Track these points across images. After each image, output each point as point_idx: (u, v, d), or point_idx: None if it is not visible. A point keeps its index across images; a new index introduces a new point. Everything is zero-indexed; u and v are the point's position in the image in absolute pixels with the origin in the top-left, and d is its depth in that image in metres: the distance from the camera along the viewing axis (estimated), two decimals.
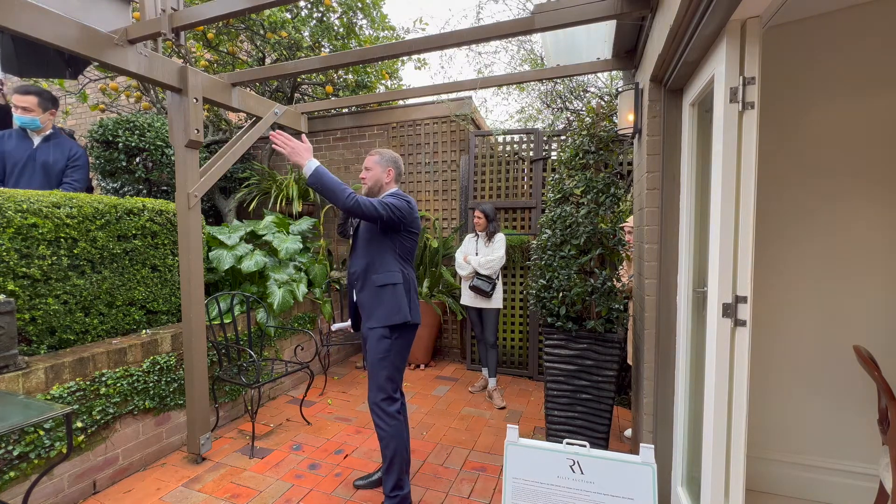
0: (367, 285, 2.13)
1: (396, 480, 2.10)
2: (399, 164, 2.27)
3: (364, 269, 2.14)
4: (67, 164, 2.89)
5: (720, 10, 1.31)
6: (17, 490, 1.93)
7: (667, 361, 2.08)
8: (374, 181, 2.21)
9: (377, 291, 2.10)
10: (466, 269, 3.56)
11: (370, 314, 2.12)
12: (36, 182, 2.79)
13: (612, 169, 2.79)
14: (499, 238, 3.56)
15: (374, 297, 2.10)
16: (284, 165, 5.13)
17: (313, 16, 4.63)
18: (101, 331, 2.46)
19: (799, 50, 2.12)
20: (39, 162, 2.80)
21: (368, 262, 2.13)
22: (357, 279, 2.18)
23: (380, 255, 2.12)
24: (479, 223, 3.57)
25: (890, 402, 1.53)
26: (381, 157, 2.22)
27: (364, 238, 2.16)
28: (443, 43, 2.53)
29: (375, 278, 2.11)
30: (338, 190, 1.91)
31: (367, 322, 2.13)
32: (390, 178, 2.22)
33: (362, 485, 2.35)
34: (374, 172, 2.20)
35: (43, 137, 2.85)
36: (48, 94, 2.86)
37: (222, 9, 2.21)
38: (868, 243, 2.06)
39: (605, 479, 1.71)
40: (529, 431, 3.02)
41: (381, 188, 2.22)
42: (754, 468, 2.21)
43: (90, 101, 4.99)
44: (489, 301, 3.50)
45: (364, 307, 2.15)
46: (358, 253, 2.19)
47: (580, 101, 4.74)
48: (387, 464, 2.11)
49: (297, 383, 3.83)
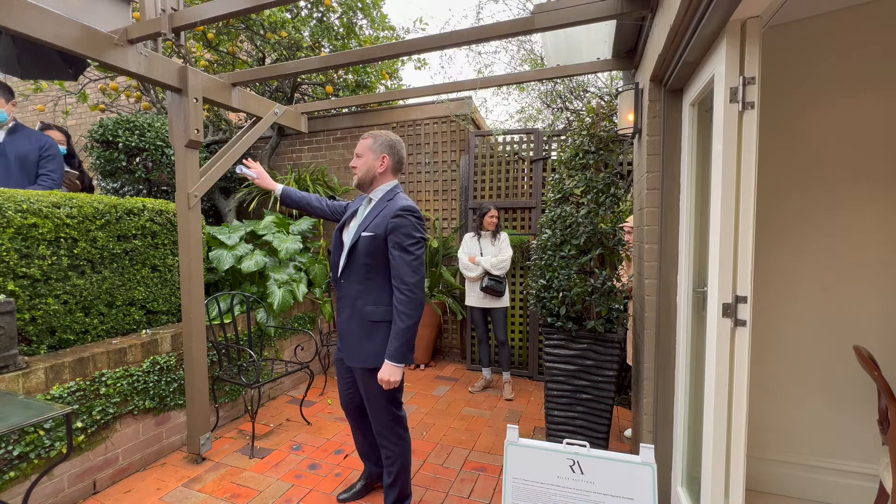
0: (357, 316, 1.82)
1: (399, 493, 2.01)
2: (398, 151, 1.90)
3: (355, 295, 1.82)
4: (40, 154, 2.78)
5: (720, 10, 1.30)
6: (18, 490, 1.93)
7: (667, 361, 2.08)
8: (366, 171, 1.86)
9: (371, 327, 1.80)
10: (476, 270, 3.52)
11: (359, 351, 1.82)
12: (13, 177, 2.67)
13: (612, 169, 2.79)
14: (504, 236, 3.56)
15: (366, 332, 1.81)
16: (284, 165, 5.13)
17: (313, 16, 4.63)
18: (101, 331, 2.46)
19: (799, 50, 2.12)
20: (12, 156, 2.69)
21: (363, 290, 1.81)
22: (345, 306, 1.86)
23: (378, 284, 1.80)
24: (492, 222, 3.56)
25: (890, 402, 1.53)
26: (374, 140, 1.87)
27: (363, 262, 1.80)
28: (443, 43, 2.53)
29: (371, 311, 1.80)
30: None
31: (355, 360, 1.85)
32: (385, 168, 1.87)
33: (346, 497, 2.20)
34: (366, 160, 1.86)
35: (7, 130, 2.73)
36: (4, 84, 2.75)
37: (222, 9, 2.20)
38: (868, 243, 2.06)
39: (605, 479, 1.71)
40: (529, 431, 3.02)
41: (373, 180, 1.87)
42: (754, 468, 2.21)
43: (90, 101, 4.99)
44: (499, 300, 3.50)
45: (350, 338, 1.84)
46: (352, 276, 1.83)
47: (580, 101, 4.74)
48: (390, 479, 1.98)
49: (297, 383, 3.83)
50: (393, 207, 1.79)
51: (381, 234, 1.78)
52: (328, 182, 4.66)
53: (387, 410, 1.91)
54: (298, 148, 5.11)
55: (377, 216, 1.82)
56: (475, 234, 3.65)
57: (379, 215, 1.81)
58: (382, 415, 1.92)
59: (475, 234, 3.65)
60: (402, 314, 1.72)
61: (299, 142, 5.09)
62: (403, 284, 1.73)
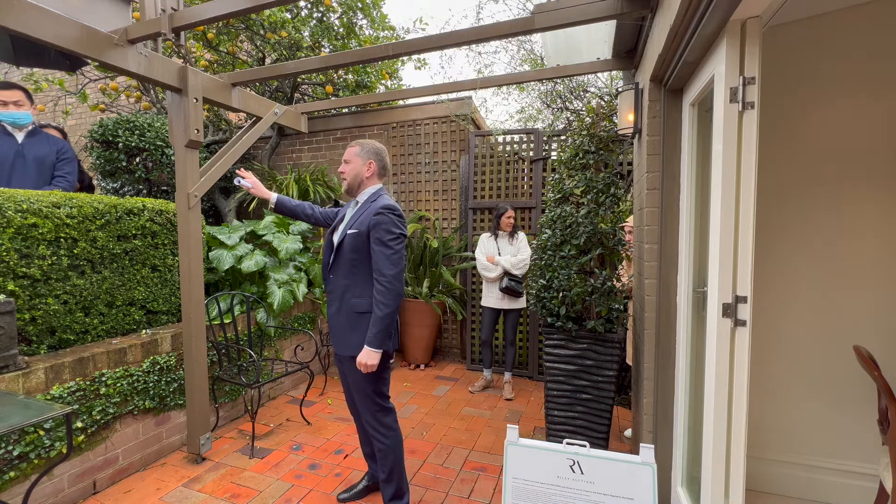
0: (345, 308, 1.95)
1: (396, 490, 2.04)
2: (383, 157, 2.05)
3: (343, 289, 1.95)
4: (57, 157, 2.88)
5: (720, 10, 1.31)
6: (18, 490, 1.93)
7: (667, 361, 2.08)
8: (354, 176, 2.01)
9: (357, 318, 1.92)
10: (495, 270, 3.50)
11: (346, 340, 1.94)
12: (30, 178, 2.75)
13: (612, 169, 2.79)
14: (522, 236, 3.55)
15: (352, 323, 1.93)
16: (284, 165, 5.13)
17: (313, 16, 4.63)
18: (101, 331, 2.46)
19: (799, 50, 2.12)
20: (31, 157, 2.77)
21: (350, 284, 1.93)
22: (334, 300, 1.99)
23: (363, 278, 1.92)
24: (510, 222, 3.55)
25: (890, 402, 1.53)
26: (361, 148, 2.02)
27: (349, 258, 1.93)
28: (443, 43, 2.53)
29: (356, 303, 1.92)
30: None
31: (343, 349, 1.96)
32: (371, 173, 2.02)
33: (346, 497, 2.22)
34: (354, 166, 2.01)
35: (27, 133, 2.81)
36: (24, 88, 2.84)
37: (222, 9, 2.20)
38: (868, 243, 2.06)
39: (605, 479, 1.71)
40: (529, 431, 3.02)
41: (360, 184, 2.02)
42: (754, 468, 2.21)
43: (90, 101, 4.99)
44: (517, 302, 3.51)
45: (338, 330, 1.98)
46: (339, 271, 1.97)
47: (580, 101, 4.74)
48: (385, 475, 2.03)
49: (297, 383, 3.83)
50: (376, 206, 1.92)
51: (364, 230, 1.90)
52: (328, 182, 4.66)
53: (372, 400, 1.99)
54: (298, 148, 5.11)
55: (362, 215, 1.95)
56: (492, 234, 3.64)
57: (363, 214, 1.95)
58: (369, 404, 1.99)
59: (492, 235, 3.64)
60: (380, 303, 1.83)
61: (299, 142, 5.09)
62: (382, 276, 1.84)
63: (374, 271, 1.88)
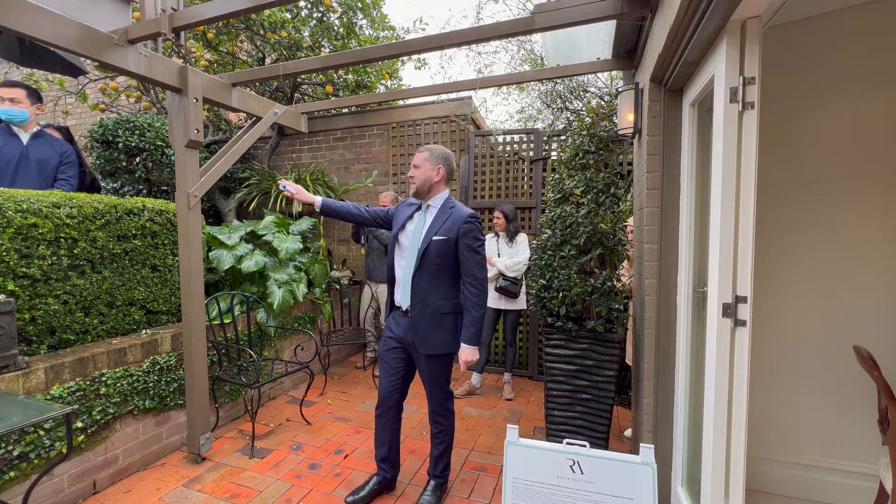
0: (428, 310, 2.04)
1: (446, 463, 2.26)
2: (451, 163, 2.11)
3: (426, 292, 2.04)
4: (60, 160, 2.88)
5: (720, 10, 1.31)
6: (18, 490, 1.93)
7: (667, 361, 2.08)
8: (423, 180, 2.07)
9: (441, 319, 2.04)
10: (491, 270, 3.51)
11: (430, 340, 2.05)
12: (32, 180, 2.76)
13: (612, 169, 2.79)
14: (522, 239, 3.55)
15: (435, 324, 2.04)
16: (284, 165, 5.13)
17: (313, 16, 4.63)
18: (101, 331, 2.46)
19: (799, 50, 2.12)
20: (34, 160, 2.78)
21: (433, 287, 2.04)
22: (417, 302, 2.05)
23: (445, 282, 2.05)
24: (498, 223, 3.56)
25: (890, 402, 1.53)
26: (430, 153, 2.08)
27: (434, 262, 2.02)
28: (443, 43, 2.53)
29: (441, 305, 2.04)
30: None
31: (426, 348, 2.06)
32: (440, 177, 2.08)
33: (353, 500, 2.19)
34: (423, 170, 2.07)
35: (32, 135, 2.82)
36: (33, 88, 2.84)
37: (222, 9, 2.20)
38: (868, 243, 2.06)
39: (605, 479, 1.72)
40: (529, 431, 3.02)
41: (430, 188, 2.09)
42: (754, 468, 2.21)
43: (90, 101, 4.99)
44: (515, 302, 3.51)
45: (420, 331, 2.06)
46: (423, 274, 2.04)
47: (580, 101, 4.74)
48: (441, 451, 2.22)
49: (297, 383, 3.83)
50: (461, 214, 2.04)
51: (453, 237, 2.01)
52: (328, 182, 4.66)
53: (441, 388, 2.17)
54: (298, 148, 5.11)
55: (446, 222, 2.04)
56: (495, 234, 3.66)
57: (448, 221, 2.04)
58: (438, 394, 2.17)
59: (495, 235, 3.65)
60: (476, 305, 1.99)
61: (299, 142, 5.09)
62: (476, 279, 2.00)
63: (465, 275, 2.02)
